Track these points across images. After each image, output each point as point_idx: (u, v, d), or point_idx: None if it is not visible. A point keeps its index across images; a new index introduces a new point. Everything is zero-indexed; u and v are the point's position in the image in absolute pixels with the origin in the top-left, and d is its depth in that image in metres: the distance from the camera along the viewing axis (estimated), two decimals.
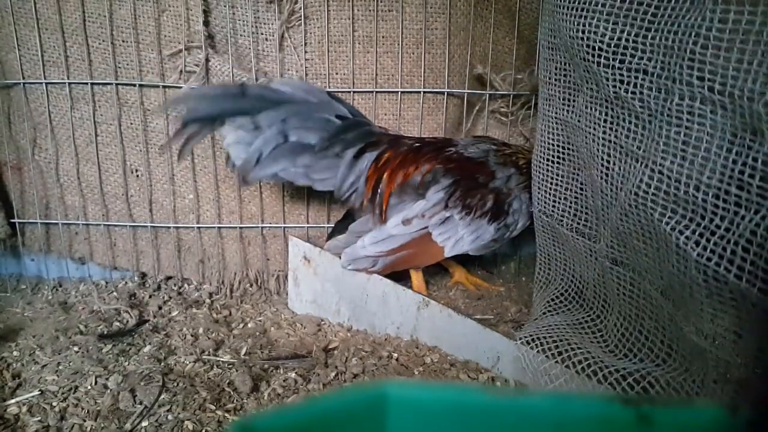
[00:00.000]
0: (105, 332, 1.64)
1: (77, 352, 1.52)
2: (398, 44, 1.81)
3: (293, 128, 1.61)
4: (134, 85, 1.80)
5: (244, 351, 1.56)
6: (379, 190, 1.70)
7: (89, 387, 1.38)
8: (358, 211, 1.80)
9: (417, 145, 1.75)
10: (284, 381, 1.43)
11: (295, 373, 1.46)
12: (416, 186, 1.69)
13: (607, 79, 1.21)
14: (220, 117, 1.56)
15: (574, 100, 1.42)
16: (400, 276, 1.74)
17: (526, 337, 1.40)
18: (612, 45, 1.18)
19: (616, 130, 1.25)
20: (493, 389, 1.27)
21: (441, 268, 2.00)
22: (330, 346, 1.60)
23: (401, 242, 1.66)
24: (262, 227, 1.94)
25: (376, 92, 1.85)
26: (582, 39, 1.24)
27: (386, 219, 1.70)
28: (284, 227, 1.94)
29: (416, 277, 1.81)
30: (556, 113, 1.49)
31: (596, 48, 1.21)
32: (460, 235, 1.68)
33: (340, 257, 1.70)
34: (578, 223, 1.47)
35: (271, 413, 0.55)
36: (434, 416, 0.58)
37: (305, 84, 1.71)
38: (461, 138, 1.89)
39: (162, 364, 1.48)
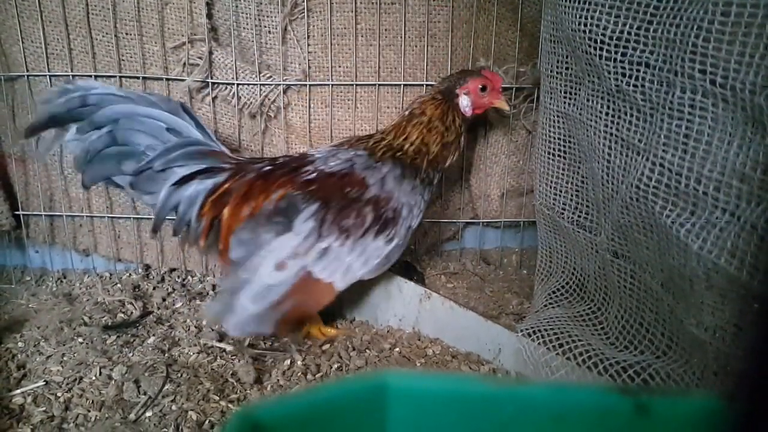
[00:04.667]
0: (109, 324, 1.65)
1: (82, 343, 1.54)
2: (401, 37, 1.81)
3: (123, 129, 1.46)
4: (138, 78, 1.80)
5: (247, 342, 1.57)
6: (221, 229, 1.46)
7: (94, 378, 1.39)
8: (204, 253, 1.60)
9: (267, 168, 1.52)
10: (287, 371, 1.44)
11: (299, 362, 1.47)
12: (269, 216, 1.43)
13: (609, 72, 1.21)
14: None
15: (575, 93, 1.42)
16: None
17: (527, 329, 1.41)
18: (614, 38, 1.18)
19: (618, 123, 1.25)
20: (492, 379, 1.28)
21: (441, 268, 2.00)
22: (332, 338, 1.61)
23: (282, 291, 1.38)
24: None
25: (379, 85, 1.85)
26: (584, 32, 1.24)
27: (230, 260, 1.46)
28: None
29: (314, 329, 1.63)
30: (557, 106, 1.49)
31: (598, 41, 1.21)
32: (347, 264, 1.44)
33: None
34: (579, 216, 1.48)
35: (273, 402, 0.56)
36: (434, 405, 0.59)
37: (159, 94, 1.55)
38: (317, 149, 1.63)
39: (166, 355, 1.49)
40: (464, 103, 1.63)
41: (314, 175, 1.49)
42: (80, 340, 1.55)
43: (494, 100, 1.65)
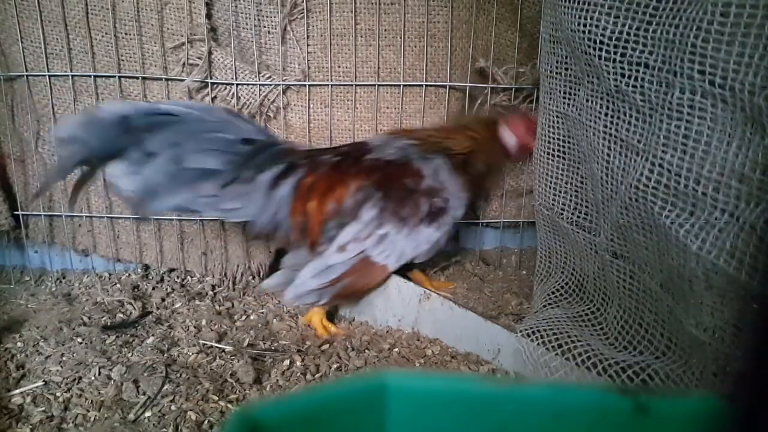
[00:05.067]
0: (108, 324, 1.65)
1: (81, 343, 1.53)
2: (400, 37, 1.81)
3: (189, 152, 1.43)
4: (137, 78, 1.80)
5: (246, 342, 1.57)
6: (310, 223, 1.56)
7: (93, 378, 1.39)
8: (289, 246, 1.67)
9: (336, 159, 1.62)
10: (286, 372, 1.44)
11: (298, 362, 1.47)
12: (350, 210, 1.55)
13: (608, 73, 1.21)
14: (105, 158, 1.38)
15: (575, 94, 1.42)
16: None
17: (526, 329, 1.41)
18: (613, 38, 1.18)
19: (617, 124, 1.25)
20: (492, 379, 1.28)
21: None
22: (332, 337, 1.61)
23: (342, 271, 1.53)
24: None
25: (378, 85, 1.85)
26: (583, 32, 1.24)
27: (321, 248, 1.56)
28: None
29: (316, 317, 1.66)
30: (557, 107, 1.49)
31: (598, 41, 1.21)
32: (401, 249, 1.57)
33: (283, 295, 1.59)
34: (579, 217, 1.48)
35: (271, 402, 0.56)
36: (433, 405, 0.59)
37: (200, 104, 1.52)
38: (373, 138, 1.75)
39: (165, 355, 1.49)
40: (510, 141, 1.73)
41: (376, 163, 1.60)
42: (79, 340, 1.55)
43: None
